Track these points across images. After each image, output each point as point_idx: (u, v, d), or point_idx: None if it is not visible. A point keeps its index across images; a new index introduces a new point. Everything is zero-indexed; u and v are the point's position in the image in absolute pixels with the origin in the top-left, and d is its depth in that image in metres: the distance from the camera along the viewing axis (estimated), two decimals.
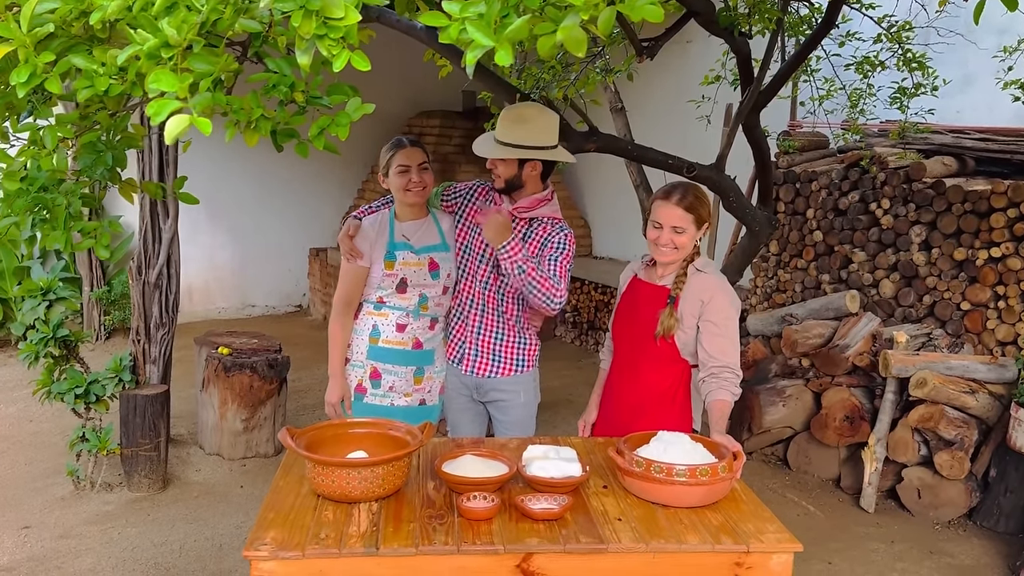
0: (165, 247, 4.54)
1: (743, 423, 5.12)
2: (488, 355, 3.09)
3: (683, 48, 6.60)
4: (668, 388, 2.75)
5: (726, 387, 2.62)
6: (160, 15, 1.09)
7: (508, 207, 2.97)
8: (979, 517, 4.28)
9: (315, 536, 2.04)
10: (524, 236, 2.99)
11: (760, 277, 5.95)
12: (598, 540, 2.06)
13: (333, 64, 1.14)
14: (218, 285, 8.41)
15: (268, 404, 4.75)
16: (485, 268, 3.03)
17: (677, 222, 2.63)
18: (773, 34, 3.68)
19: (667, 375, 2.74)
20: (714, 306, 2.66)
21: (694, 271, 2.71)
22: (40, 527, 3.94)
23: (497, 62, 1.12)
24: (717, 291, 2.68)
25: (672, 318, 2.66)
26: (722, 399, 2.61)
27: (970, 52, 5.15)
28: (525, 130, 2.87)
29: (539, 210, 2.98)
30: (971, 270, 4.69)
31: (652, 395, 2.76)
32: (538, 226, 2.99)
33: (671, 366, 2.74)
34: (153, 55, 1.10)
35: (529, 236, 2.99)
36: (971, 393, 4.32)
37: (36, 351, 4.08)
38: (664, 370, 2.74)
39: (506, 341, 3.11)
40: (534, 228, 2.99)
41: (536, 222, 2.99)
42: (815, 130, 5.89)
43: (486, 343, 3.09)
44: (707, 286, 2.69)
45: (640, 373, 2.77)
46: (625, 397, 2.81)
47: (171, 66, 1.10)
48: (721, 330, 2.65)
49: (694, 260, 2.72)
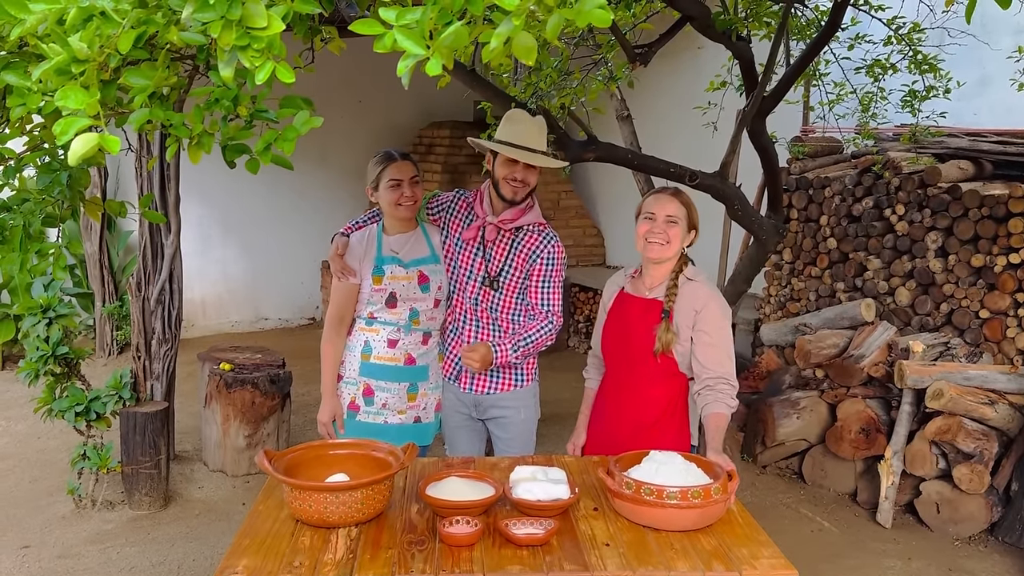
0: (167, 263, 4.52)
1: (757, 436, 5.01)
2: (486, 371, 3.01)
3: (694, 54, 6.51)
4: (668, 404, 2.67)
5: (722, 399, 2.54)
6: (73, 29, 1.03)
7: (493, 219, 2.89)
8: (1001, 532, 4.13)
9: (288, 564, 1.98)
10: (511, 246, 2.93)
11: (774, 286, 5.83)
12: (582, 567, 1.97)
13: (256, 76, 1.08)
14: (231, 298, 8.40)
15: (271, 420, 4.71)
16: (474, 284, 2.97)
17: (672, 211, 2.60)
18: (776, 38, 3.58)
19: (667, 390, 2.67)
20: (707, 315, 2.60)
21: (685, 280, 2.64)
22: (40, 546, 3.91)
23: (427, 72, 1.05)
24: (710, 300, 2.62)
25: (669, 332, 2.59)
26: (718, 412, 2.53)
27: (987, 53, 5.02)
28: (543, 135, 2.86)
29: (524, 219, 2.91)
30: (989, 277, 4.54)
31: (654, 412, 2.67)
32: (525, 235, 2.93)
33: (670, 380, 2.66)
34: (63, 71, 1.05)
35: (517, 246, 2.92)
36: (990, 404, 4.18)
37: (36, 369, 4.06)
38: (663, 385, 2.66)
39: None
40: (521, 237, 2.93)
41: (522, 231, 2.93)
42: (827, 135, 5.77)
43: None
44: (699, 295, 2.63)
45: (640, 390, 2.68)
46: (626, 415, 2.72)
47: (83, 82, 1.05)
48: (714, 339, 2.59)
49: (683, 270, 2.65)
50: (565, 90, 3.83)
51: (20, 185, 1.65)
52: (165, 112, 1.26)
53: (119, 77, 1.23)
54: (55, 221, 1.75)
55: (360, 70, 7.86)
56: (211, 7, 1.01)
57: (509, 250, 2.93)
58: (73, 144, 1.05)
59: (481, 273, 2.94)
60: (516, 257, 2.92)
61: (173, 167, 4.50)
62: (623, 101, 4.98)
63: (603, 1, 1.08)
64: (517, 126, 2.83)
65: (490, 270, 2.94)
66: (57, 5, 1.06)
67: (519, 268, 2.93)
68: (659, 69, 7.71)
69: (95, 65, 1.06)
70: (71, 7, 1.03)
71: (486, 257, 2.94)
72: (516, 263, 2.92)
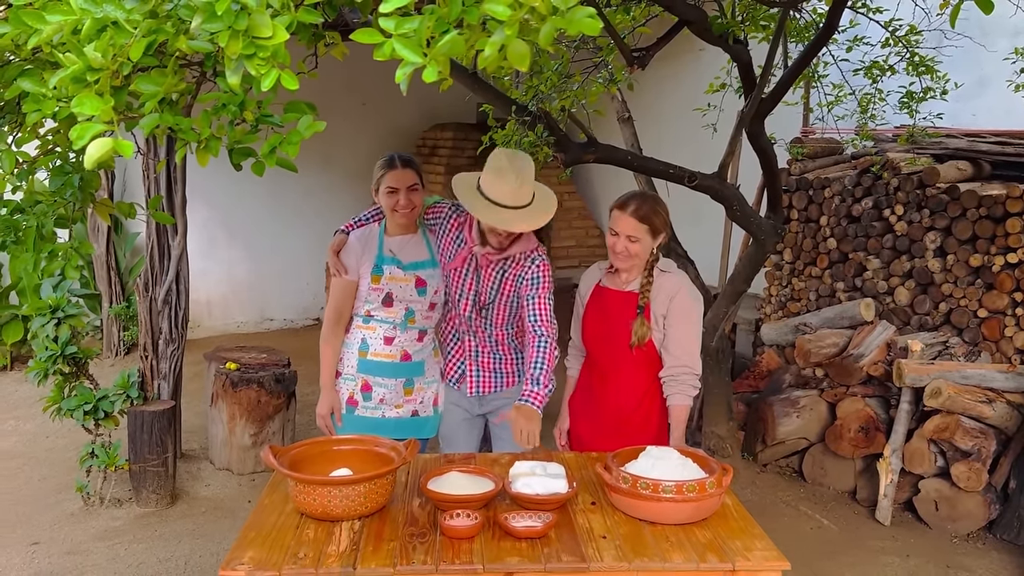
0: (174, 263, 4.58)
1: (757, 434, 5.05)
2: (489, 374, 3.09)
3: (695, 56, 6.55)
4: (649, 389, 2.82)
5: (683, 391, 2.72)
6: (87, 39, 1.08)
7: (481, 250, 2.89)
8: (999, 530, 4.16)
9: (293, 555, 2.03)
10: (500, 275, 2.95)
11: (774, 286, 5.87)
12: (580, 559, 2.02)
13: (262, 83, 1.13)
14: (236, 299, 8.46)
15: (276, 419, 4.76)
16: (466, 304, 3.01)
17: (631, 231, 2.71)
18: (774, 41, 3.63)
19: (648, 375, 2.82)
20: (677, 303, 2.76)
21: (659, 273, 2.79)
22: (49, 543, 3.97)
23: (424, 79, 1.10)
24: (681, 287, 2.79)
25: (644, 326, 2.76)
26: (680, 404, 2.73)
27: (985, 55, 5.05)
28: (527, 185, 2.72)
29: (512, 250, 2.90)
30: (988, 276, 4.58)
31: (636, 397, 2.83)
32: (511, 264, 2.94)
33: (651, 367, 2.82)
34: (79, 79, 1.10)
35: (504, 275, 2.95)
36: (988, 403, 4.22)
37: (45, 368, 4.12)
38: (645, 372, 2.82)
39: (504, 360, 3.10)
40: (508, 267, 2.94)
41: (509, 261, 2.93)
42: (827, 136, 5.81)
43: (486, 363, 3.09)
44: (672, 284, 2.79)
45: (622, 378, 2.84)
46: (610, 402, 2.87)
47: (97, 89, 1.10)
48: (683, 328, 2.75)
49: (656, 263, 2.80)
50: (566, 92, 3.88)
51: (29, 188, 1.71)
52: (174, 117, 1.32)
53: (131, 83, 1.29)
54: (67, 222, 1.80)
55: (363, 73, 7.90)
56: (219, 18, 1.06)
57: (496, 278, 2.95)
58: (89, 148, 1.10)
59: (471, 295, 2.98)
60: (504, 284, 2.94)
61: (180, 170, 4.57)
62: (624, 103, 5.04)
63: (592, 11, 1.13)
64: (499, 180, 2.69)
65: (479, 299, 2.98)
66: (72, 16, 1.11)
67: (507, 294, 2.96)
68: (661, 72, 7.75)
69: (108, 73, 1.12)
70: (86, 18, 1.08)
71: (476, 281, 2.97)
72: (505, 289, 2.95)
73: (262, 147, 1.39)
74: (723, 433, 4.72)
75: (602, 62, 4.01)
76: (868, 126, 4.65)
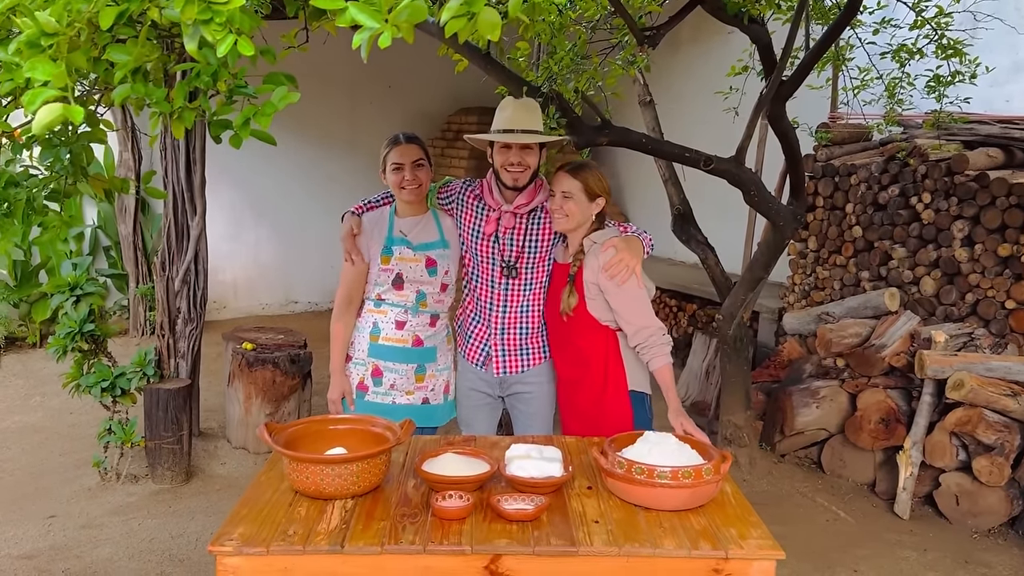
0: (193, 244, 4.61)
1: (776, 424, 4.98)
2: (516, 351, 3.04)
3: (724, 39, 6.43)
4: (594, 354, 2.89)
5: (657, 352, 2.76)
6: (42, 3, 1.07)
7: (508, 207, 2.91)
8: (1021, 526, 4.06)
9: (283, 533, 2.03)
10: (527, 231, 2.94)
11: (798, 274, 5.77)
12: (569, 543, 2.00)
13: (217, 49, 1.11)
14: (263, 281, 8.54)
15: (292, 399, 4.79)
16: (498, 271, 2.99)
17: (566, 187, 2.78)
18: (794, 22, 3.53)
19: (591, 342, 2.87)
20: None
21: (591, 244, 2.83)
22: (65, 517, 4.04)
23: (380, 45, 1.07)
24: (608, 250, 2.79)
25: (572, 296, 2.84)
26: (660, 366, 2.76)
27: (1020, 39, 4.90)
28: (535, 115, 2.87)
29: (537, 199, 2.94)
30: (1016, 267, 4.45)
31: (581, 362, 2.91)
32: (541, 212, 2.96)
33: (595, 334, 2.86)
34: (34, 43, 1.09)
35: (537, 224, 2.95)
36: (1012, 396, 4.11)
37: (64, 345, 4.18)
38: (588, 338, 2.87)
39: (531, 332, 3.04)
40: (538, 215, 2.96)
41: (539, 210, 2.96)
42: (854, 122, 5.67)
43: (512, 340, 3.03)
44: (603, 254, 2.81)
45: (569, 345, 2.92)
46: (562, 370, 3.00)
47: (51, 54, 1.09)
48: (622, 295, 2.75)
49: (591, 234, 2.84)
50: (582, 74, 3.82)
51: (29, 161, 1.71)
52: (146, 87, 1.31)
53: (103, 54, 1.28)
54: (59, 196, 1.81)
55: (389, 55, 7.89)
56: None
57: (525, 234, 2.95)
58: (39, 114, 1.09)
59: (503, 259, 2.98)
60: (535, 239, 2.96)
61: (199, 150, 4.59)
62: (646, 87, 4.96)
63: None
64: (504, 112, 2.86)
65: (508, 258, 2.96)
66: None
67: (542, 248, 2.96)
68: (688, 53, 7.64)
69: (65, 39, 1.10)
70: None
71: (510, 242, 2.97)
72: (540, 244, 2.96)
73: (236, 118, 1.38)
74: (740, 422, 4.66)
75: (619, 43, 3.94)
76: (895, 111, 4.53)
